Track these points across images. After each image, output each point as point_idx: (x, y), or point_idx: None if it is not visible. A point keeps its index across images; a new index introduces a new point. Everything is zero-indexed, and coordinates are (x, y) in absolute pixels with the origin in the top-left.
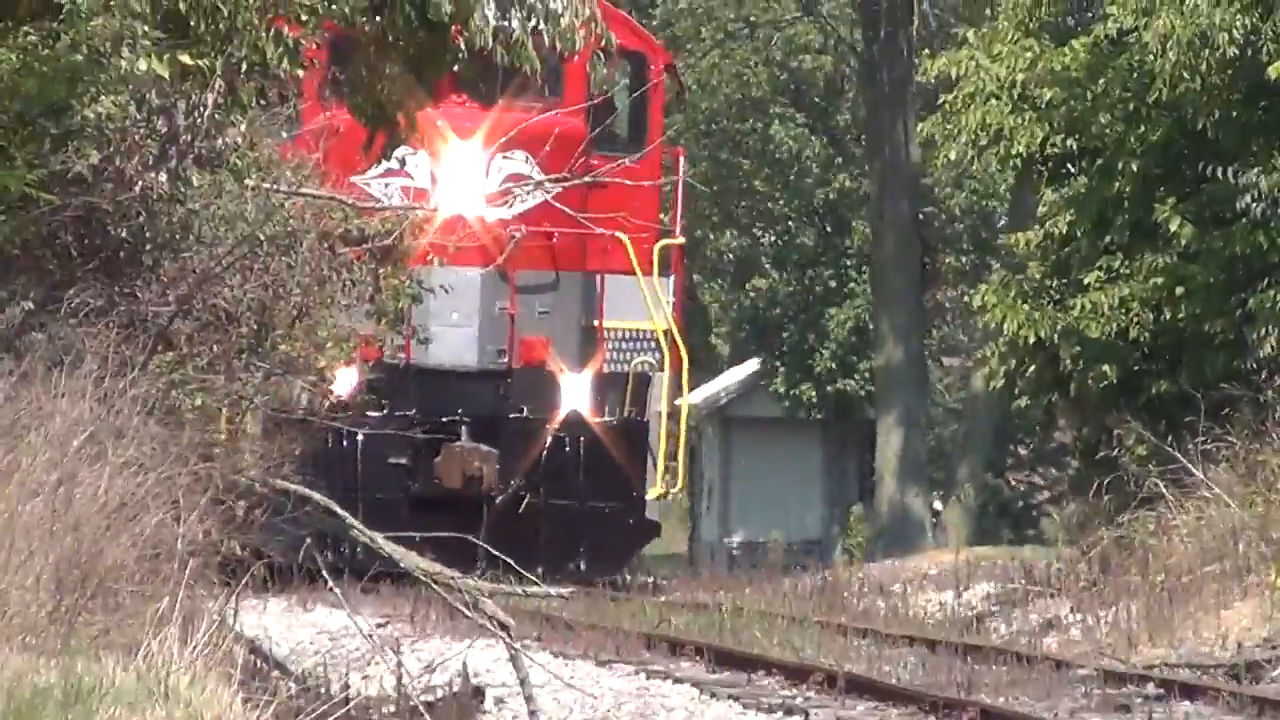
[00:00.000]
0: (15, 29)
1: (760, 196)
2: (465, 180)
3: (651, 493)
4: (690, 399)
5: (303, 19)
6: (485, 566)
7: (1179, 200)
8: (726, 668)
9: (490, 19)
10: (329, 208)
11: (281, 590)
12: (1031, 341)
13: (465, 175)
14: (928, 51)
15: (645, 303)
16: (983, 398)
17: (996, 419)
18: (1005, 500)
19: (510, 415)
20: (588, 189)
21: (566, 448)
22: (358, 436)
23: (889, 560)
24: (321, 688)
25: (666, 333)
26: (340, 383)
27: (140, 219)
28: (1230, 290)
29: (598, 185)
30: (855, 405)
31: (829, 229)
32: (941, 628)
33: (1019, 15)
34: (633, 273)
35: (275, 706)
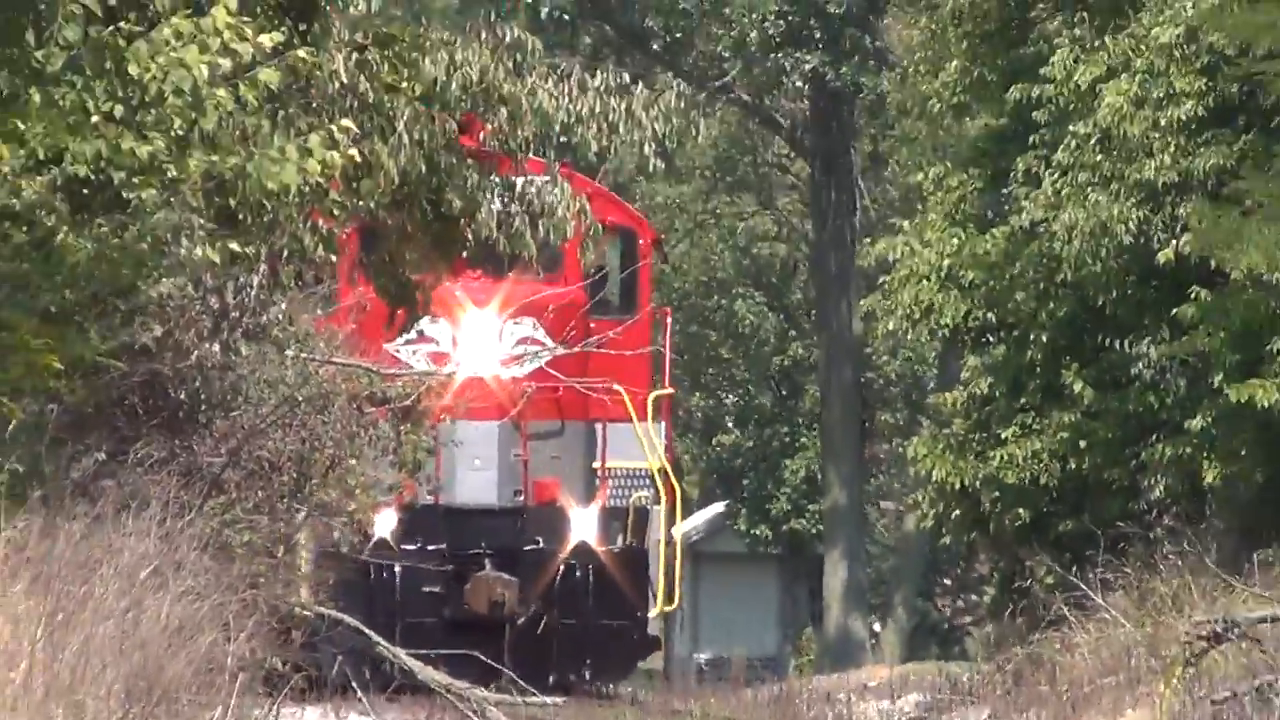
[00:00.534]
0: (90, 222)
1: (725, 364)
2: (482, 344)
3: (652, 611)
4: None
5: (335, 213)
6: (508, 681)
7: (1082, 366)
8: None
9: (494, 212)
10: (356, 374)
11: (318, 699)
12: (956, 487)
13: (481, 340)
14: (869, 239)
15: (641, 445)
16: (914, 535)
17: (926, 553)
18: (933, 622)
19: (527, 547)
20: (588, 349)
21: (577, 574)
22: (396, 568)
23: (834, 674)
24: None
25: (661, 470)
26: (380, 524)
27: (196, 383)
28: (1125, 444)
29: (598, 346)
30: (806, 542)
31: (784, 392)
32: None
33: (946, 208)
34: (629, 419)
35: None
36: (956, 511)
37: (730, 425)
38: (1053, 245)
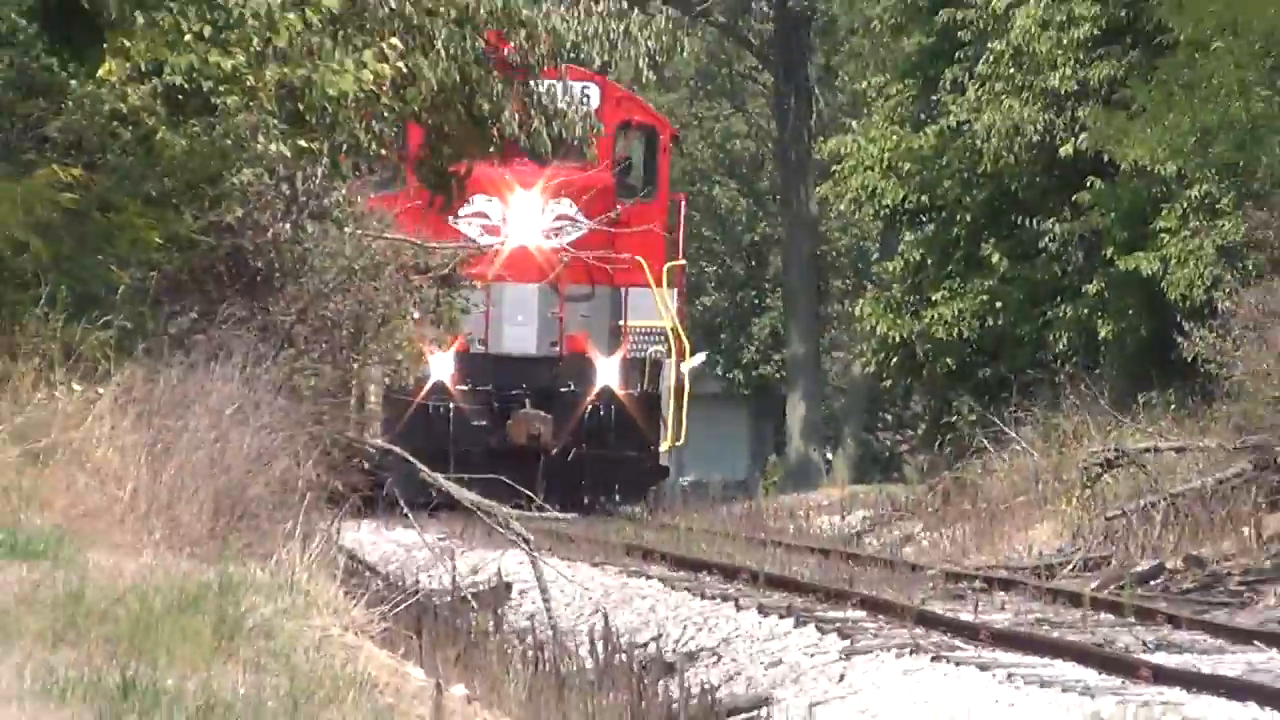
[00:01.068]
0: (184, 122)
1: (705, 240)
2: (526, 219)
3: (663, 445)
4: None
5: (385, 115)
6: (540, 502)
7: (999, 241)
8: (682, 568)
9: (516, 116)
10: (403, 247)
11: (371, 516)
12: (895, 340)
13: (526, 215)
14: (823, 137)
15: (657, 307)
16: (860, 380)
17: (870, 394)
18: (876, 452)
19: (561, 389)
20: (615, 225)
21: (601, 413)
22: (450, 405)
23: (795, 494)
24: (399, 583)
25: (673, 329)
26: (438, 368)
27: (271, 255)
28: (1034, 304)
29: (623, 223)
30: (772, 386)
31: (753, 262)
32: (832, 541)
33: (887, 111)
34: (648, 285)
35: (366, 596)
36: (895, 360)
37: (710, 289)
38: (974, 142)
